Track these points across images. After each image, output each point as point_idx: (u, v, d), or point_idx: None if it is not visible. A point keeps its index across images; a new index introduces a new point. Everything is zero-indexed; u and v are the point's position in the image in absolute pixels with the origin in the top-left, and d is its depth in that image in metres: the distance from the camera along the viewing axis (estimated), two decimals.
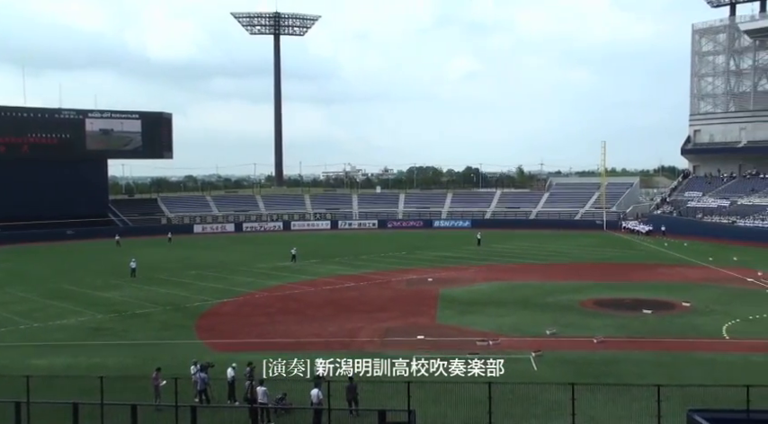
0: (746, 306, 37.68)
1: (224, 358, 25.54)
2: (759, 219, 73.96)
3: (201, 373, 22.83)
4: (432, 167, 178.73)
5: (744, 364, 26.81)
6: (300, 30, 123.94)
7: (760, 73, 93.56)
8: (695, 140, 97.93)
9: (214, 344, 31.27)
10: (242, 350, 29.02)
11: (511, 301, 40.42)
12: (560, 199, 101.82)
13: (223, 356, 27.09)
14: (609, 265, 56.95)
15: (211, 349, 30.04)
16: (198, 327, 34.99)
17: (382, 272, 52.92)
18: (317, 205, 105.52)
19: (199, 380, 22.67)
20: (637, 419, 19.32)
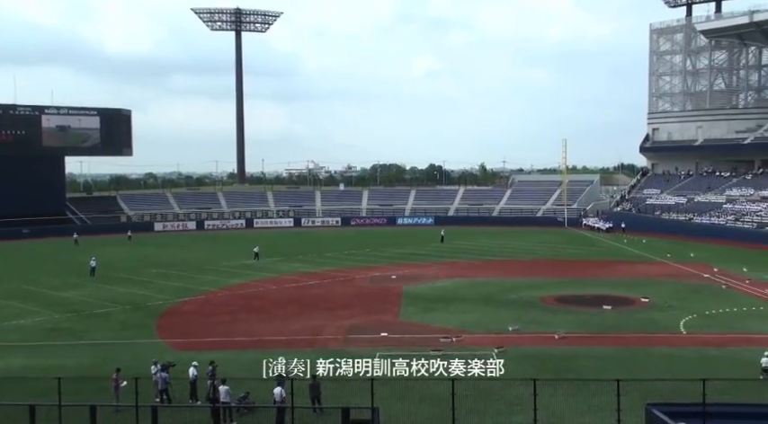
0: (703, 302, 38.47)
1: (185, 358, 25.27)
2: (715, 216, 75.50)
3: (162, 372, 22.56)
4: (395, 164, 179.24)
5: (700, 358, 27.34)
6: (262, 26, 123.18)
7: (715, 72, 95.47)
8: (654, 138, 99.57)
9: (175, 343, 30.91)
10: (204, 349, 28.76)
11: (474, 298, 40.67)
12: (522, 197, 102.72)
13: (184, 355, 26.79)
14: (570, 262, 57.65)
15: (172, 349, 29.70)
16: (159, 326, 34.56)
17: (346, 270, 52.84)
18: (280, 202, 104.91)
19: (160, 380, 22.39)
20: (597, 414, 19.58)
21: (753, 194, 78.65)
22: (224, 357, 26.83)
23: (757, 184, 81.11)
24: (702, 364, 26.07)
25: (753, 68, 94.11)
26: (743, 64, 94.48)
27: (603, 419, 18.85)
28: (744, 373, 24.32)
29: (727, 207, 77.03)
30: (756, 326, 32.85)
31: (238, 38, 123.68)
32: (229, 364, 26.19)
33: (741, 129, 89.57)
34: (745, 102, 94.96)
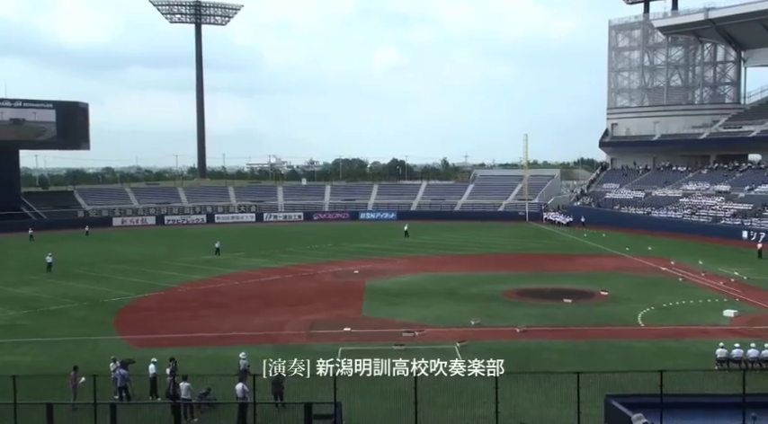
0: (660, 294, 39.16)
1: (145, 354, 24.97)
2: (672, 210, 76.90)
3: (121, 369, 22.26)
4: (357, 159, 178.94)
5: (657, 350, 27.82)
6: (222, 19, 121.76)
7: (672, 69, 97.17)
8: (612, 133, 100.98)
9: (134, 340, 30.48)
10: (164, 346, 28.38)
11: (436, 292, 40.83)
12: (484, 191, 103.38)
13: (144, 352, 26.45)
14: (531, 256, 58.20)
15: (132, 345, 29.29)
16: (117, 323, 34.03)
17: (308, 265, 52.64)
18: (242, 197, 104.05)
19: (119, 377, 22.08)
20: (557, 406, 19.81)
21: (708, 188, 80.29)
22: (184, 354, 26.58)
23: (712, 179, 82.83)
24: (660, 355, 26.54)
25: (708, 65, 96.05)
26: (698, 60, 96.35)
27: (564, 410, 19.08)
28: (699, 364, 24.81)
29: (683, 202, 78.51)
30: (711, 318, 33.54)
31: (198, 31, 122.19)
32: (190, 360, 25.99)
33: (697, 125, 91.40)
34: (700, 98, 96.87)
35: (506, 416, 18.97)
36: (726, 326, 31.79)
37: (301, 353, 27.82)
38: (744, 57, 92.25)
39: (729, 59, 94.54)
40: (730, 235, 64.60)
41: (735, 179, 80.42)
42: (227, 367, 24.15)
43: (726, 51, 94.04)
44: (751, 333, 29.44)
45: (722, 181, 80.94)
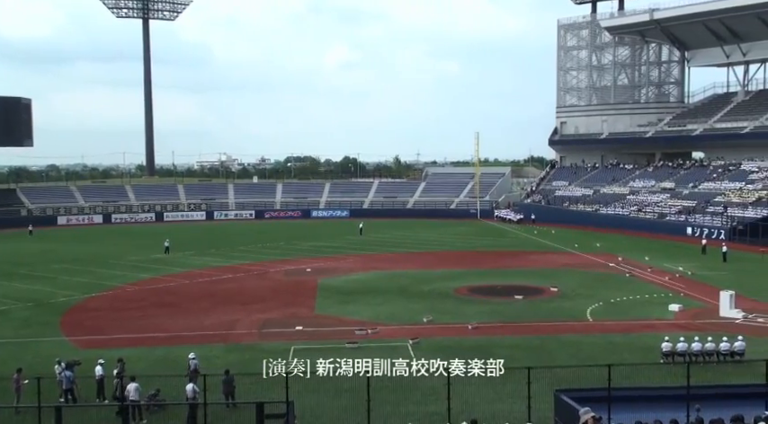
0: (608, 290, 39.89)
1: (92, 355, 24.43)
2: (619, 207, 78.44)
3: (67, 371, 21.74)
4: (309, 157, 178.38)
5: (605, 344, 28.33)
6: (171, 14, 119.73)
7: (619, 68, 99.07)
8: (562, 132, 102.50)
9: (81, 341, 29.80)
10: (112, 347, 27.84)
11: (389, 290, 40.89)
12: (436, 189, 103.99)
13: (91, 353, 25.88)
14: (482, 253, 58.73)
15: (78, 347, 28.63)
16: (63, 323, 33.23)
17: (260, 263, 52.21)
18: (192, 195, 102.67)
19: (64, 379, 21.58)
20: (508, 401, 20.00)
21: (654, 185, 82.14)
22: (133, 355, 26.15)
23: (658, 176, 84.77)
24: (608, 350, 27.03)
25: (653, 64, 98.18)
26: (644, 60, 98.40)
27: (514, 405, 19.27)
28: (645, 357, 25.37)
29: (630, 198, 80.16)
30: (657, 312, 34.30)
31: (146, 26, 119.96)
32: (139, 361, 25.58)
33: (643, 123, 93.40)
34: (646, 97, 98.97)
35: (458, 412, 19.07)
36: (671, 320, 32.55)
37: (253, 352, 27.67)
38: (687, 57, 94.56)
39: (674, 59, 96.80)
40: (675, 232, 66.18)
41: (679, 176, 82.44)
42: (178, 368, 23.82)
43: (670, 51, 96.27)
44: (695, 327, 30.22)
45: (667, 178, 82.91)
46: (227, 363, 24.56)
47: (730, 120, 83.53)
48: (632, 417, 14.11)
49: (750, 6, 77.29)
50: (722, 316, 32.81)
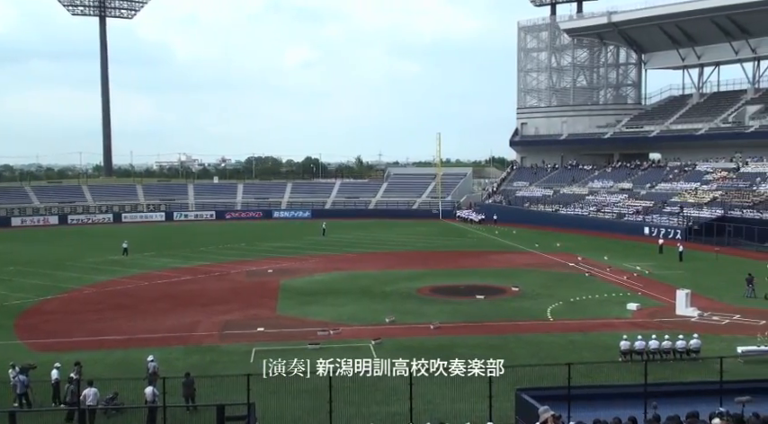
0: (568, 289, 40.36)
1: (47, 359, 23.91)
2: (579, 207, 79.46)
3: (21, 375, 21.26)
4: (271, 157, 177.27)
5: (565, 343, 28.65)
6: (128, 12, 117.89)
7: (578, 70, 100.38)
8: (522, 132, 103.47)
9: (36, 344, 29.16)
10: (68, 350, 27.30)
11: (351, 290, 40.82)
12: (398, 189, 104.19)
13: (46, 356, 25.30)
14: (444, 253, 58.99)
15: (33, 350, 28.00)
16: (17, 327, 32.49)
17: (221, 264, 51.72)
18: (151, 196, 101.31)
19: (18, 383, 21.09)
20: (470, 401, 20.08)
21: (612, 186, 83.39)
22: (91, 358, 25.70)
23: (616, 177, 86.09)
24: (568, 349, 27.35)
25: (611, 66, 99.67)
26: (602, 62, 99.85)
27: (476, 405, 19.35)
28: (604, 356, 25.73)
29: (589, 199, 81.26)
30: (615, 311, 34.80)
31: (102, 24, 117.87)
32: (96, 364, 25.14)
33: (602, 125, 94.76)
34: (604, 99, 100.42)
35: (420, 412, 19.12)
36: (629, 319, 33.05)
37: (214, 354, 27.42)
38: (644, 59, 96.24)
39: (631, 62, 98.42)
40: (633, 231, 67.25)
41: (637, 177, 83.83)
42: (136, 371, 23.45)
43: (628, 54, 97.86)
44: (652, 325, 30.73)
45: (625, 179, 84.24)
46: (187, 365, 24.26)
47: (686, 122, 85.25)
48: (591, 415, 14.25)
49: (704, 10, 78.97)
50: (678, 315, 33.44)
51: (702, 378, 21.24)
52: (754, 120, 77.42)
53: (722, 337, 29.21)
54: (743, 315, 33.09)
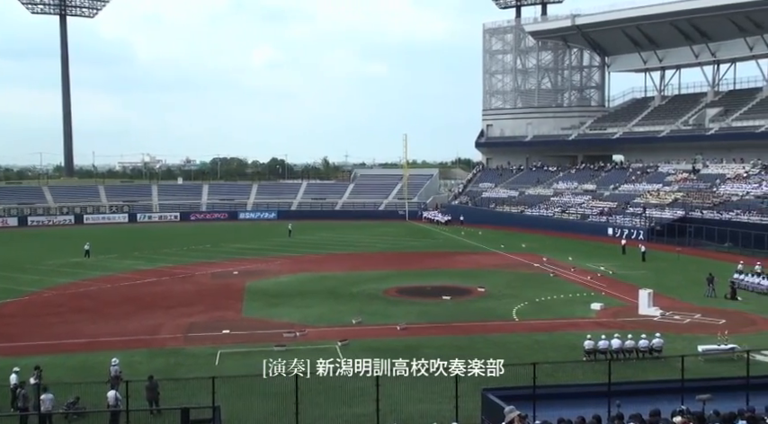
0: (533, 289, 40.69)
1: (7, 364, 23.49)
2: (544, 208, 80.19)
3: None
4: (236, 158, 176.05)
5: (531, 343, 28.87)
6: (90, 11, 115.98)
7: (543, 72, 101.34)
8: (488, 134, 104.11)
9: None
10: (27, 354, 26.76)
11: (317, 292, 40.68)
12: (365, 191, 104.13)
13: (5, 361, 24.83)
14: (411, 254, 59.08)
15: None
16: None
17: (185, 266, 51.18)
18: (113, 197, 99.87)
19: None
20: (436, 401, 20.12)
21: (576, 187, 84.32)
22: (51, 362, 25.25)
23: (580, 178, 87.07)
24: (533, 348, 27.56)
25: (575, 69, 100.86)
26: (567, 64, 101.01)
27: (442, 405, 19.41)
28: (569, 355, 25.97)
29: (554, 200, 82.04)
30: (580, 311, 35.19)
31: (63, 22, 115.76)
32: (57, 368, 24.71)
33: (566, 126, 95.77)
34: (569, 101, 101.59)
35: (386, 413, 19.11)
36: (593, 319, 33.43)
37: (178, 357, 27.11)
38: (607, 62, 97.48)
39: (594, 64, 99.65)
40: (597, 232, 68.06)
41: (600, 178, 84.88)
42: (98, 374, 23.09)
43: (591, 56, 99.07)
44: (615, 325, 31.10)
45: (589, 180, 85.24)
46: (150, 369, 23.94)
47: (648, 124, 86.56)
48: (556, 414, 14.37)
49: (665, 14, 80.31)
50: (641, 314, 33.92)
51: (664, 377, 21.53)
52: (713, 123, 78.91)
53: (683, 336, 29.69)
54: (703, 315, 33.67)
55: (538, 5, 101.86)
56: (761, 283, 39.58)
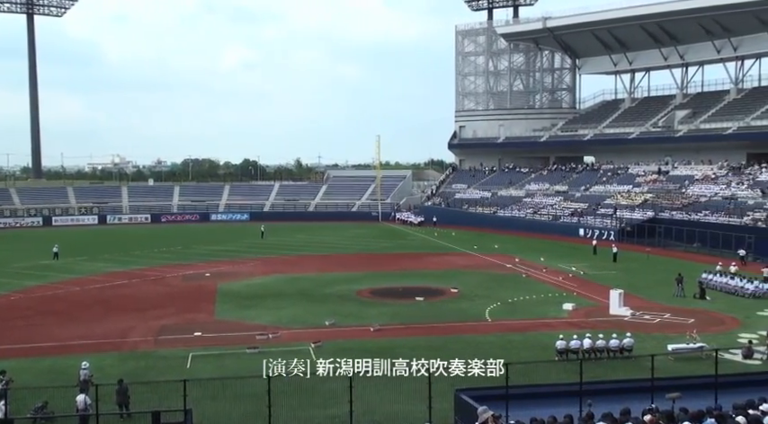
0: (506, 290, 40.91)
1: None
2: (516, 209, 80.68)
3: None
4: (208, 159, 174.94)
5: (504, 343, 29.00)
6: (58, 10, 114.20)
7: (514, 74, 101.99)
8: (461, 135, 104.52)
9: None
10: None
11: (290, 293, 40.54)
12: (338, 192, 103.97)
13: None
14: (384, 255, 59.08)
15: None
16: None
17: (156, 268, 50.69)
18: (83, 198, 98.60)
19: None
20: (410, 402, 20.12)
21: (548, 188, 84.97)
22: (18, 366, 24.84)
23: (552, 179, 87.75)
24: (506, 349, 27.67)
25: (547, 71, 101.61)
26: (538, 67, 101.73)
27: (416, 406, 19.40)
28: (541, 355, 26.14)
29: (526, 201, 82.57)
30: (552, 312, 35.44)
31: (30, 21, 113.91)
32: (24, 372, 24.31)
33: (538, 128, 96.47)
34: (540, 103, 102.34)
35: (360, 414, 19.08)
36: (565, 319, 33.70)
37: (149, 360, 26.83)
38: (578, 64, 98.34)
39: (566, 67, 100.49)
40: (569, 233, 68.61)
41: (572, 179, 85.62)
42: (68, 378, 22.78)
43: (562, 59, 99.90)
44: (587, 325, 31.39)
45: (560, 181, 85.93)
46: (121, 372, 23.66)
47: (618, 126, 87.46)
48: (529, 413, 14.44)
49: (634, 17, 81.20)
50: (612, 314, 34.25)
51: (635, 376, 21.74)
52: (682, 125, 79.96)
53: (653, 335, 30.04)
54: (673, 314, 34.10)
55: (509, 8, 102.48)
56: (728, 283, 40.19)
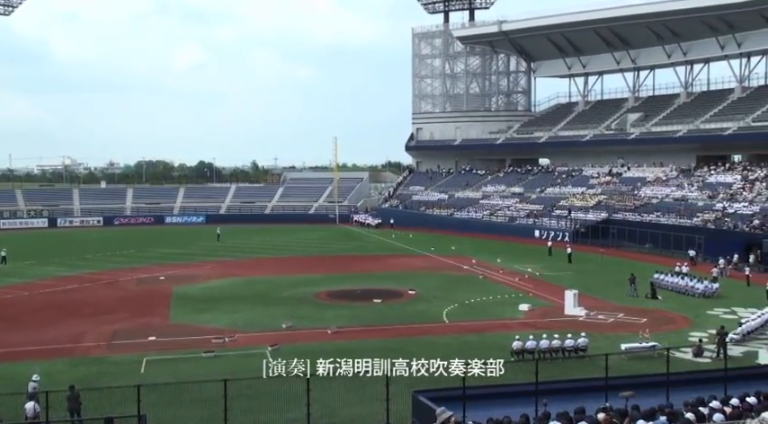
0: (463, 291, 41.16)
1: None
2: (473, 211, 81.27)
3: None
4: (162, 161, 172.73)
5: (461, 344, 29.15)
6: (5, 8, 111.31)
7: (471, 77, 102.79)
8: (418, 138, 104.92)
9: None
10: None
11: (247, 296, 40.19)
12: (295, 194, 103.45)
13: None
14: (341, 257, 58.96)
15: None
16: None
17: (109, 271, 49.78)
18: (32, 201, 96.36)
19: None
20: (368, 404, 20.11)
21: (504, 190, 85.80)
22: None
23: (508, 181, 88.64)
24: (463, 350, 27.77)
25: (502, 74, 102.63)
26: (494, 70, 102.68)
27: (373, 408, 19.40)
28: (498, 356, 26.10)
29: (483, 203, 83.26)
30: (508, 312, 35.78)
31: None
32: None
33: (494, 130, 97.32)
34: (496, 106, 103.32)
35: (318, 417, 18.99)
36: (521, 319, 34.05)
37: (102, 365, 26.32)
38: (533, 67, 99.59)
39: (521, 70, 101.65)
40: (524, 234, 69.34)
41: (527, 181, 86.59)
42: (17, 385, 22.16)
43: (518, 62, 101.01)
44: (543, 325, 31.75)
45: (516, 183, 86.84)
46: (72, 378, 23.11)
47: (572, 129, 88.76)
48: (486, 414, 14.54)
49: (588, 22, 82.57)
50: (567, 314, 34.72)
51: (589, 375, 22.04)
52: (634, 127, 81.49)
53: (607, 335, 30.53)
54: (626, 314, 34.72)
55: (466, 11, 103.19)
56: (679, 283, 41.07)
